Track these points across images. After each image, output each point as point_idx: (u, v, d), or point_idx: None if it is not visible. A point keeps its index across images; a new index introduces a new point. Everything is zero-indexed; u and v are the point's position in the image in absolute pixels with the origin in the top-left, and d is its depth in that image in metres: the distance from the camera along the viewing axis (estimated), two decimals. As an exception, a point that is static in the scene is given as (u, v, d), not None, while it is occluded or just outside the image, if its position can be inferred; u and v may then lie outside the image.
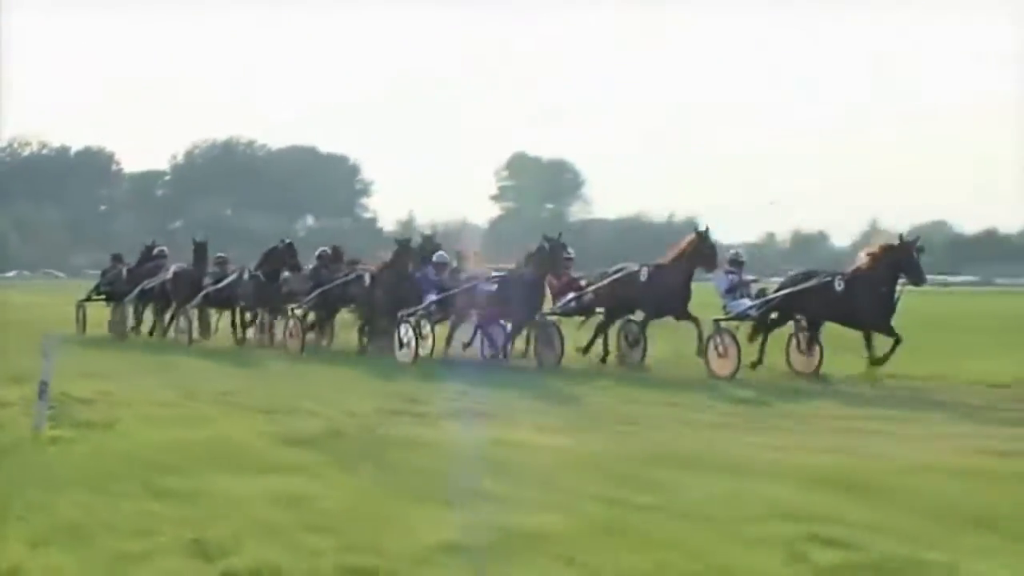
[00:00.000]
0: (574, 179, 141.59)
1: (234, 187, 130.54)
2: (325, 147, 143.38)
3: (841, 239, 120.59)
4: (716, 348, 17.93)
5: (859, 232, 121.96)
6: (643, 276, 19.41)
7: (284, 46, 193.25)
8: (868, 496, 8.22)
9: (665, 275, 19.16)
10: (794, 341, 18.59)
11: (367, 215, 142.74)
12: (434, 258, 21.35)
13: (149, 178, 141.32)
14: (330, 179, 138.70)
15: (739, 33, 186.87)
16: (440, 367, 18.93)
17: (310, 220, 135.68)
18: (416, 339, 19.80)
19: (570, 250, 20.23)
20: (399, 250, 21.47)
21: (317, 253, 23.97)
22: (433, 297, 20.64)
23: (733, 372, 17.56)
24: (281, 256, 23.55)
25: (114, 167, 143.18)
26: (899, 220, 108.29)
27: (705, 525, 7.37)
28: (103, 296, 28.25)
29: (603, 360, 19.64)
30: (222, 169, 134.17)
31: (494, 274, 20.50)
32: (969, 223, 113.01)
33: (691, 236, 19.21)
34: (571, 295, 20.31)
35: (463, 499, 8.06)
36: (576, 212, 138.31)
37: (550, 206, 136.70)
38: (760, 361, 18.43)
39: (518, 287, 19.55)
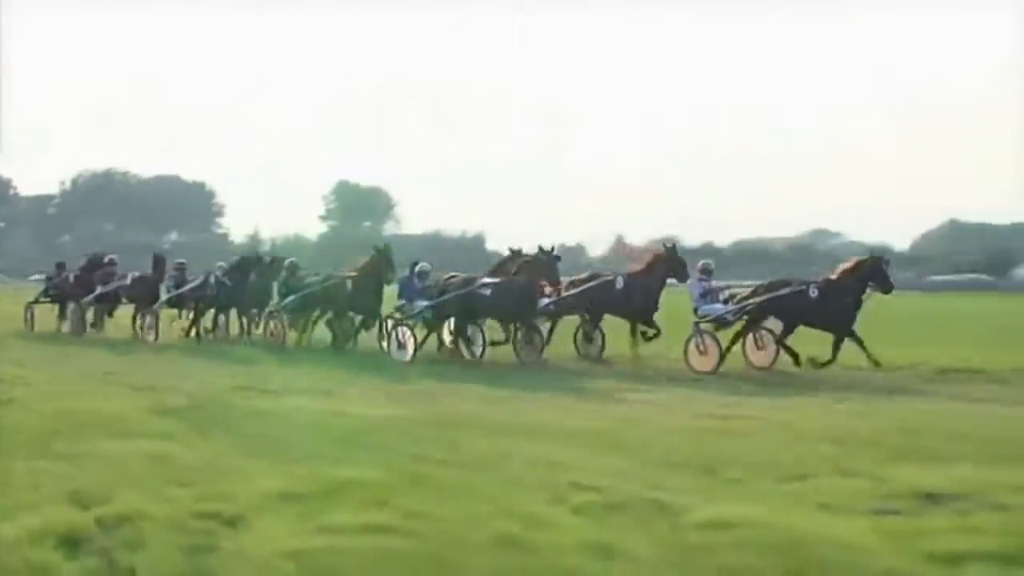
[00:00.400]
0: (387, 202, 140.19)
1: (112, 208, 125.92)
2: (186, 175, 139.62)
3: (595, 250, 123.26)
4: (697, 347, 16.34)
5: (607, 246, 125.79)
6: (619, 284, 18.21)
7: (149, 77, 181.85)
8: (621, 451, 8.40)
9: (641, 283, 17.98)
10: (751, 339, 17.11)
11: (220, 231, 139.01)
12: (418, 267, 19.06)
13: (41, 200, 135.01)
14: (191, 202, 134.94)
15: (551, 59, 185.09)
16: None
17: (175, 235, 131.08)
18: (414, 340, 17.84)
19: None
20: (375, 257, 19.41)
21: (286, 263, 21.78)
22: (422, 304, 18.46)
23: (714, 368, 15.99)
24: (253, 265, 21.86)
25: (11, 191, 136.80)
26: (643, 232, 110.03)
27: (490, 475, 7.47)
28: (51, 299, 26.00)
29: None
30: (102, 193, 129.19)
31: (486, 280, 18.32)
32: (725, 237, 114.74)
33: (660, 250, 18.09)
34: (546, 300, 18.30)
35: (297, 457, 7.96)
36: (389, 229, 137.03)
37: (367, 224, 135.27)
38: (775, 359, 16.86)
39: (515, 292, 17.63)
